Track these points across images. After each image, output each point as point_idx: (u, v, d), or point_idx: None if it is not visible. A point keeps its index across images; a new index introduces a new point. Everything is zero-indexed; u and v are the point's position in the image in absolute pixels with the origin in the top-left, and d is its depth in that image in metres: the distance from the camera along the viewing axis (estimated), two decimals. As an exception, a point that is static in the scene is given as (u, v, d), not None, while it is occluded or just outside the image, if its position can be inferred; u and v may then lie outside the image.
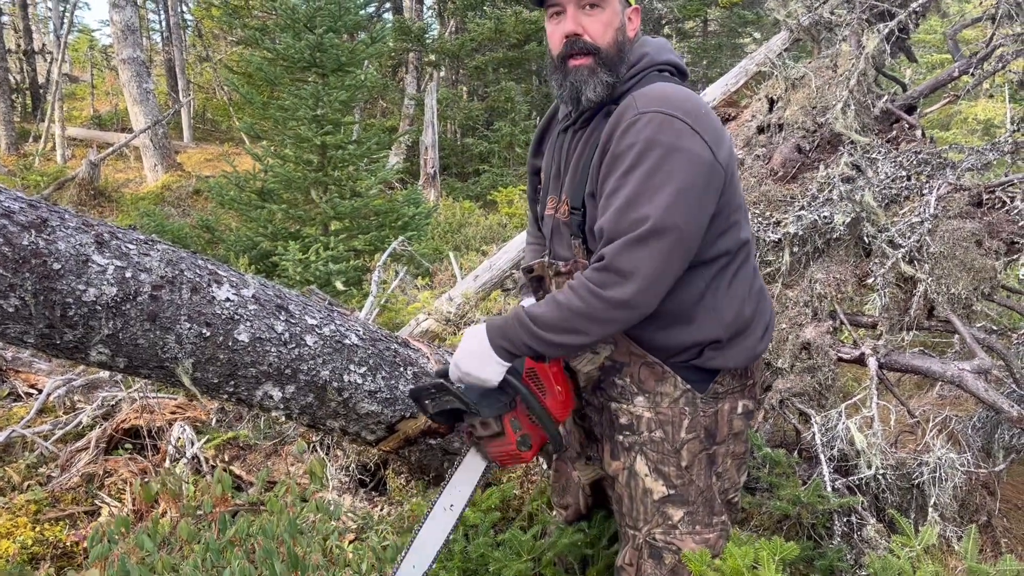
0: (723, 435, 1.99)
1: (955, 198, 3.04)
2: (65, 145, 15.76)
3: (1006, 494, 3.73)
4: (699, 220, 1.74)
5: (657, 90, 1.80)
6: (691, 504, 2.00)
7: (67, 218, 2.09)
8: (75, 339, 2.10)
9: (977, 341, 2.89)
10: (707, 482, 2.00)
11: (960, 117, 13.90)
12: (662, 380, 1.95)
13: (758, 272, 2.02)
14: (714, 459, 2.00)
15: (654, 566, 2.03)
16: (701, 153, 1.72)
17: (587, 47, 1.84)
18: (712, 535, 2.03)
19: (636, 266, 1.67)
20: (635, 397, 1.98)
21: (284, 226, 8.09)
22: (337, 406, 2.68)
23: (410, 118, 16.07)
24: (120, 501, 3.35)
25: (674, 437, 1.96)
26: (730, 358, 1.93)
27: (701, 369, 1.94)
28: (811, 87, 3.63)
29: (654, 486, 2.00)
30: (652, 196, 1.68)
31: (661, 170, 1.69)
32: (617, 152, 1.75)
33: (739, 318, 1.92)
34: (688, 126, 1.71)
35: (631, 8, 1.90)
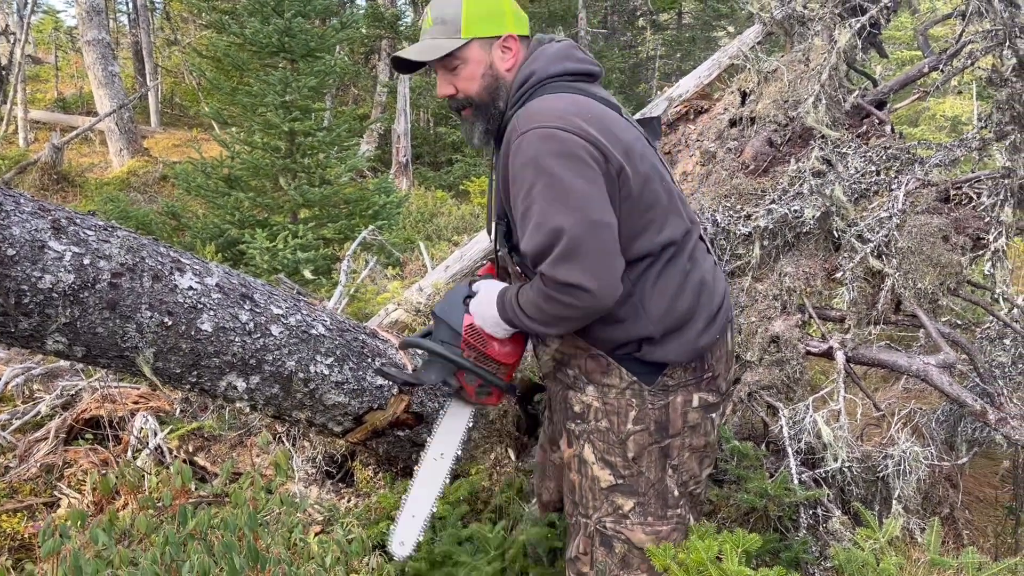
0: (677, 428, 1.99)
1: (923, 194, 3.06)
2: (28, 128, 15.41)
3: (968, 487, 3.79)
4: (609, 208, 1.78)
5: (535, 107, 1.84)
6: (641, 495, 2.01)
7: (22, 202, 2.02)
8: (31, 327, 2.04)
9: (942, 336, 2.92)
10: (659, 475, 2.00)
11: (928, 114, 14.09)
12: (607, 372, 1.97)
13: (700, 265, 1.98)
14: (668, 452, 2.00)
15: (605, 554, 2.04)
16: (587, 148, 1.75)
17: (462, 102, 2.00)
18: (665, 528, 2.03)
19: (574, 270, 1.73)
20: (587, 387, 2.02)
21: (252, 214, 7.99)
22: (303, 397, 2.64)
23: (382, 106, 15.94)
24: (80, 492, 3.28)
25: (619, 428, 1.98)
26: (669, 352, 1.93)
27: (645, 362, 1.95)
28: (783, 81, 3.64)
29: (601, 474, 2.02)
30: (558, 207, 1.73)
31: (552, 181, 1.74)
32: (513, 176, 1.81)
33: (671, 315, 1.92)
34: (564, 131, 1.75)
35: (499, 40, 1.96)
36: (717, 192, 3.45)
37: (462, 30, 1.93)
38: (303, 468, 3.35)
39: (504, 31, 1.96)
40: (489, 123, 2.01)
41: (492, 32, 1.95)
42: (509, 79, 1.97)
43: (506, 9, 1.98)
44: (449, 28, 1.94)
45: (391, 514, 2.79)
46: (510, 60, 1.97)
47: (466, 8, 1.93)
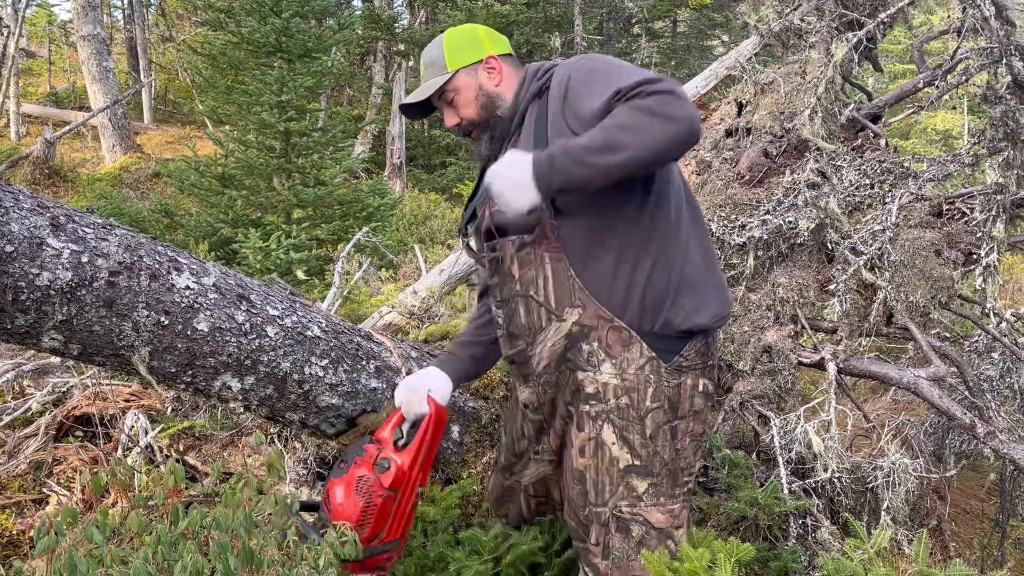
0: (684, 410, 2.04)
1: (916, 208, 3.09)
2: (20, 122, 15.35)
3: (956, 499, 3.82)
4: None
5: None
6: (655, 476, 2.04)
7: (21, 199, 2.02)
8: (27, 324, 2.03)
9: (933, 349, 2.95)
10: (671, 455, 2.05)
11: (920, 127, 14.19)
12: (628, 345, 2.01)
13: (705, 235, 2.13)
14: (675, 433, 2.05)
15: (622, 540, 2.05)
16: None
17: (467, 128, 2.17)
18: (676, 506, 2.07)
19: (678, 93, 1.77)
20: (602, 364, 2.03)
21: (245, 213, 7.97)
22: (297, 398, 2.64)
23: (377, 107, 15.94)
24: (69, 490, 3.27)
25: (639, 404, 2.02)
26: (689, 314, 2.01)
27: (666, 336, 2.01)
28: (780, 92, 3.67)
29: (620, 454, 2.04)
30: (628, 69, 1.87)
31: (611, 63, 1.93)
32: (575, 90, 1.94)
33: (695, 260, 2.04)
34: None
35: (482, 63, 2.14)
36: (712, 202, 3.47)
37: (447, 65, 2.11)
38: (294, 469, 3.34)
39: (484, 54, 2.14)
40: (494, 130, 2.15)
41: (474, 58, 2.13)
42: (503, 92, 2.13)
43: (481, 35, 2.16)
44: (437, 67, 2.13)
45: (382, 517, 2.79)
46: (497, 77, 2.14)
47: (447, 45, 2.13)
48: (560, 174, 1.79)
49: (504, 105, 2.12)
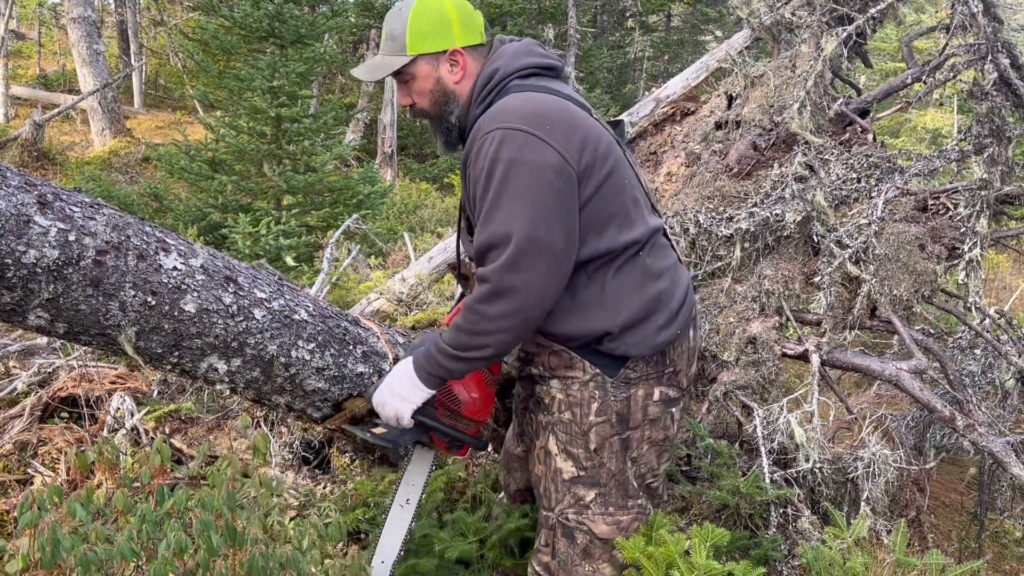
0: (637, 421, 2.02)
1: (902, 202, 3.12)
2: (8, 104, 15.21)
3: (935, 491, 3.86)
4: (563, 224, 1.80)
5: (500, 106, 1.88)
6: (602, 486, 2.04)
7: (8, 176, 2.02)
8: (13, 302, 2.03)
9: (915, 342, 2.98)
10: (620, 466, 2.03)
11: (910, 125, 14.26)
12: (571, 366, 2.01)
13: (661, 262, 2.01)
14: (628, 444, 2.03)
15: (567, 545, 2.07)
16: (548, 160, 1.77)
17: (419, 112, 2.09)
18: (626, 517, 2.06)
19: (510, 283, 1.78)
20: (550, 380, 2.06)
21: (235, 198, 7.95)
22: (283, 382, 2.64)
23: (369, 96, 15.89)
24: (54, 471, 3.27)
25: (582, 419, 2.01)
26: (630, 346, 1.96)
27: (607, 355, 1.98)
28: (770, 86, 3.68)
29: (563, 466, 2.05)
30: (508, 212, 1.77)
31: (510, 186, 1.77)
32: (475, 177, 1.84)
33: (629, 310, 1.94)
34: (530, 135, 1.77)
35: (446, 54, 2.00)
36: (701, 193, 3.48)
37: (407, 47, 1.98)
38: (280, 453, 3.36)
39: (450, 45, 1.99)
40: (447, 135, 2.10)
41: (437, 47, 1.98)
42: (460, 91, 2.02)
43: (451, 19, 1.98)
44: (396, 45, 1.99)
45: (367, 500, 2.81)
46: (458, 73, 2.01)
47: (411, 25, 1.96)
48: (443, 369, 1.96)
49: (457, 108, 2.04)
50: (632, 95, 17.29)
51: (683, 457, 3.14)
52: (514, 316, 1.80)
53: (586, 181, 1.85)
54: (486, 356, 1.91)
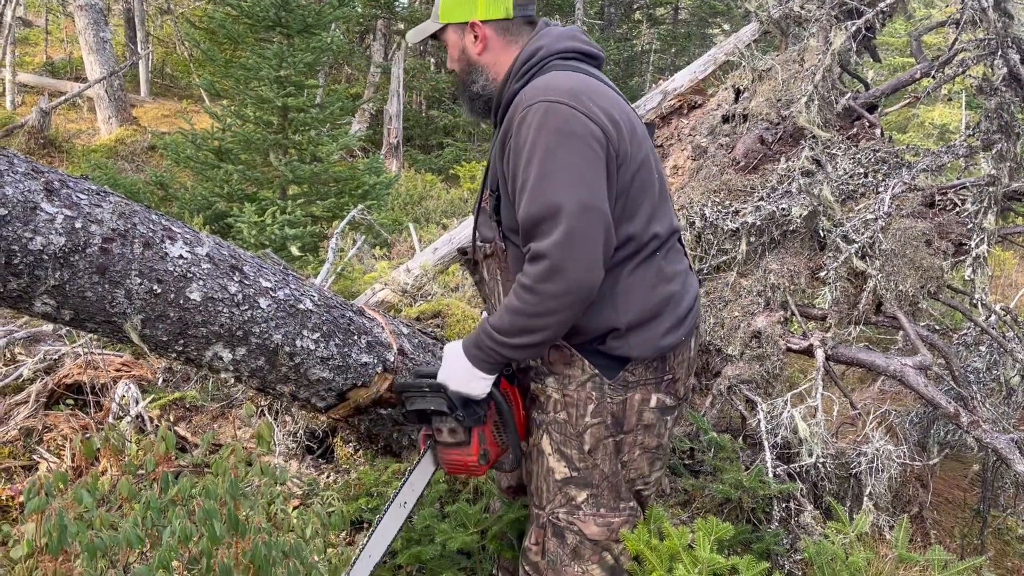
0: (631, 424, 1.99)
1: (909, 198, 3.11)
2: (15, 91, 15.22)
3: (938, 488, 3.86)
4: (605, 195, 1.79)
5: (542, 81, 1.87)
6: (595, 487, 2.02)
7: (16, 163, 2.02)
8: (19, 288, 2.04)
9: (920, 338, 2.97)
10: (613, 468, 2.02)
11: (917, 121, 14.20)
12: (570, 363, 1.98)
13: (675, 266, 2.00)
14: (620, 447, 2.01)
15: (557, 544, 2.05)
16: (594, 132, 1.78)
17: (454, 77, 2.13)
18: (617, 520, 2.05)
19: (569, 257, 1.73)
20: (546, 378, 2.03)
21: (241, 187, 7.95)
22: (288, 371, 2.65)
23: (375, 86, 15.87)
24: (59, 457, 3.28)
25: (577, 420, 1.99)
26: (634, 347, 1.93)
27: (608, 355, 1.95)
28: (777, 80, 3.67)
29: (556, 466, 2.03)
30: (557, 183, 1.74)
31: (558, 157, 1.75)
32: (517, 148, 1.81)
33: (639, 309, 1.92)
34: (575, 108, 1.77)
35: (467, 26, 2.03)
36: (707, 187, 3.48)
37: (439, 15, 2.05)
38: (284, 442, 3.37)
39: (471, 17, 2.02)
40: (470, 104, 2.11)
41: (460, 18, 2.03)
42: (483, 63, 2.05)
43: None
44: (434, 12, 2.08)
45: (370, 490, 2.82)
46: (479, 46, 2.04)
47: None
48: (498, 355, 1.89)
49: (481, 79, 2.06)
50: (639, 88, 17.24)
51: (686, 451, 3.14)
52: (575, 293, 1.75)
53: (623, 164, 1.84)
54: (543, 340, 1.85)
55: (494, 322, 1.87)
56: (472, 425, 1.97)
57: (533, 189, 1.76)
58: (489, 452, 2.03)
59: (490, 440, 2.03)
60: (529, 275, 1.78)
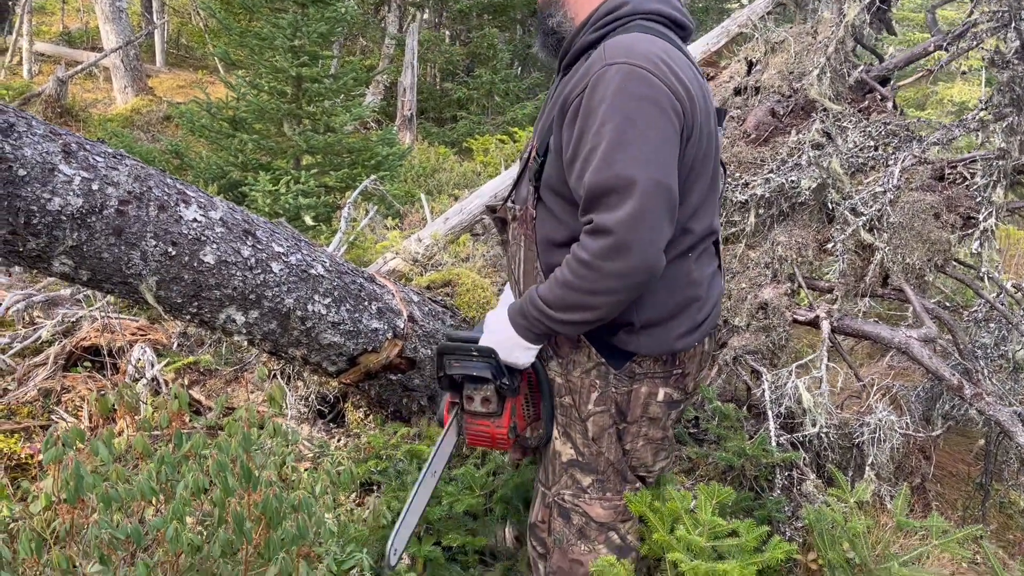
0: (635, 416, 1.96)
1: (918, 171, 3.10)
2: (32, 60, 15.28)
3: (942, 461, 3.89)
4: (676, 173, 1.66)
5: (627, 40, 1.72)
6: (600, 473, 2.01)
7: (34, 125, 2.06)
8: (38, 248, 2.09)
9: (927, 311, 2.98)
10: (617, 454, 2.00)
11: (936, 98, 14.05)
12: (577, 348, 1.92)
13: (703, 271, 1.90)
14: (623, 436, 1.99)
15: (563, 525, 2.06)
16: (674, 106, 1.65)
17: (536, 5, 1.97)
18: (623, 503, 2.04)
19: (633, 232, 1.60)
20: (550, 361, 1.98)
21: (255, 157, 7.99)
22: (300, 335, 2.70)
23: (390, 58, 15.82)
24: (76, 417, 3.36)
25: (581, 406, 1.96)
26: (642, 345, 1.87)
27: (616, 347, 1.89)
28: (790, 52, 3.66)
29: (562, 448, 2.02)
30: (631, 153, 1.60)
31: (636, 126, 1.61)
32: (589, 108, 1.68)
33: (656, 308, 1.84)
34: (657, 77, 1.64)
35: None
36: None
37: None
38: (296, 406, 3.43)
39: None
40: (543, 38, 1.96)
41: None
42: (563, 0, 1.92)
43: None
44: None
45: (379, 453, 2.87)
46: None
47: None
48: (544, 327, 1.79)
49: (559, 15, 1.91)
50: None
51: (691, 420, 3.18)
52: (637, 275, 1.64)
53: (688, 144, 1.72)
54: (595, 319, 1.75)
55: (543, 293, 1.76)
56: (508, 395, 1.91)
57: (604, 157, 1.62)
58: (518, 425, 1.98)
59: (520, 413, 1.97)
60: (588, 249, 1.65)
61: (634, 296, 1.72)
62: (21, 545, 1.72)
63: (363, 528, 2.46)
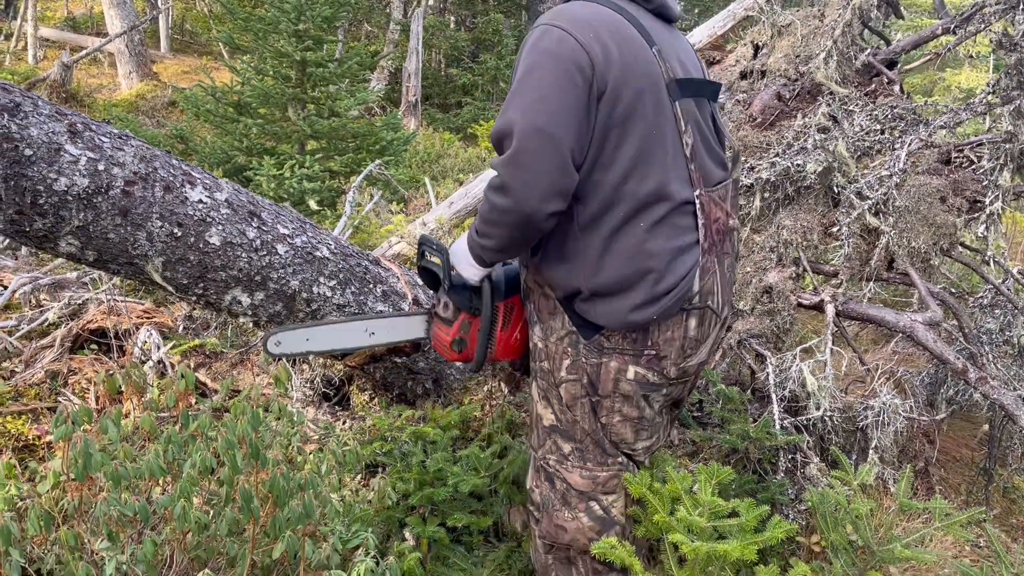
0: (606, 390, 1.96)
1: (925, 154, 3.09)
2: (37, 45, 15.26)
3: (946, 446, 3.89)
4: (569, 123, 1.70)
5: (563, 7, 1.82)
6: (578, 442, 2.03)
7: (40, 105, 2.07)
8: (45, 228, 2.10)
9: (932, 295, 2.98)
10: (592, 426, 2.01)
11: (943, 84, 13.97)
12: (554, 314, 1.97)
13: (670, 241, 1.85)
14: (597, 409, 2.00)
15: (549, 489, 2.09)
16: (577, 59, 1.70)
17: None
18: (604, 473, 2.04)
19: (512, 178, 1.72)
20: (535, 326, 2.04)
21: (259, 142, 7.98)
22: (305, 317, 2.71)
23: (394, 44, 15.77)
24: (83, 399, 3.38)
25: (555, 372, 2.00)
26: (600, 316, 1.88)
27: (583, 317, 1.92)
28: (796, 35, 3.64)
29: (544, 412, 2.07)
30: (519, 99, 1.71)
31: (532, 75, 1.72)
32: (515, 67, 1.81)
33: (605, 278, 1.84)
34: (568, 34, 1.71)
35: None
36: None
37: None
38: (301, 389, 3.44)
39: None
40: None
41: None
42: None
43: None
44: None
45: (384, 435, 2.89)
46: None
47: None
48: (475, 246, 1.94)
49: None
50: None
51: (695, 402, 3.19)
52: (514, 213, 1.75)
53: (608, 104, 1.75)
54: (493, 247, 1.88)
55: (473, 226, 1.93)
56: (459, 306, 2.07)
57: (503, 105, 1.76)
58: (465, 344, 2.11)
59: (472, 336, 2.10)
60: (490, 185, 1.80)
61: (522, 235, 1.80)
62: (30, 522, 1.74)
63: (368, 508, 2.47)
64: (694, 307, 1.91)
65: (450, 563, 2.51)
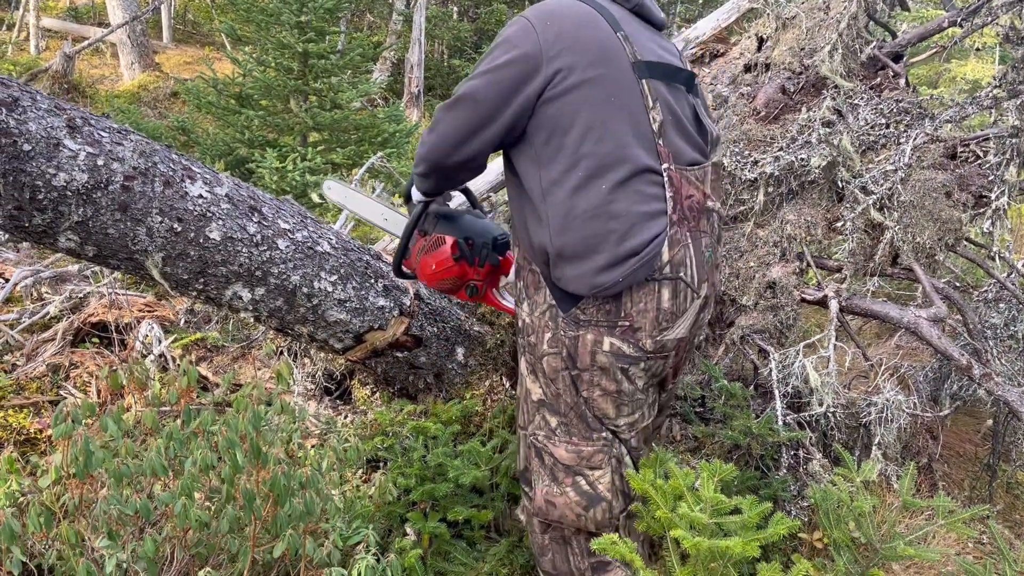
0: (584, 364, 2.00)
1: (930, 149, 3.07)
2: (39, 36, 15.23)
3: (950, 442, 3.88)
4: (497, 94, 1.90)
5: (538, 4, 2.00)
6: (563, 416, 2.08)
7: (39, 99, 2.05)
8: (44, 223, 2.09)
9: (936, 290, 2.96)
10: (574, 399, 2.05)
11: (949, 76, 13.88)
12: (538, 289, 2.05)
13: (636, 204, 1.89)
14: (577, 383, 2.04)
15: (538, 464, 2.14)
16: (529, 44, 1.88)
17: None
18: (589, 448, 2.07)
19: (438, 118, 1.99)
20: (523, 302, 2.11)
21: (261, 133, 7.96)
22: (306, 312, 2.70)
23: (397, 35, 15.71)
24: (85, 393, 3.38)
25: (537, 346, 2.07)
26: (570, 281, 1.94)
27: (561, 290, 1.99)
28: (801, 28, 3.61)
29: (532, 387, 2.12)
30: (471, 74, 1.96)
31: (488, 56, 1.94)
32: None
33: (570, 238, 1.90)
34: (530, 24, 1.91)
35: None
36: (726, 137, 3.45)
37: None
38: (302, 383, 3.43)
39: None
40: None
41: None
42: None
43: None
44: None
45: (386, 430, 2.88)
46: None
47: None
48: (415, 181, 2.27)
49: None
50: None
51: (697, 398, 3.18)
52: (430, 148, 2.02)
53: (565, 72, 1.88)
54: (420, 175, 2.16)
55: None
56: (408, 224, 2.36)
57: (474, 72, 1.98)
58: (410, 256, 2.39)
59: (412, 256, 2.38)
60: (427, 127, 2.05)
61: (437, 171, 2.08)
62: (30, 519, 1.74)
63: (369, 504, 2.47)
64: (665, 277, 1.94)
65: (451, 558, 2.51)
